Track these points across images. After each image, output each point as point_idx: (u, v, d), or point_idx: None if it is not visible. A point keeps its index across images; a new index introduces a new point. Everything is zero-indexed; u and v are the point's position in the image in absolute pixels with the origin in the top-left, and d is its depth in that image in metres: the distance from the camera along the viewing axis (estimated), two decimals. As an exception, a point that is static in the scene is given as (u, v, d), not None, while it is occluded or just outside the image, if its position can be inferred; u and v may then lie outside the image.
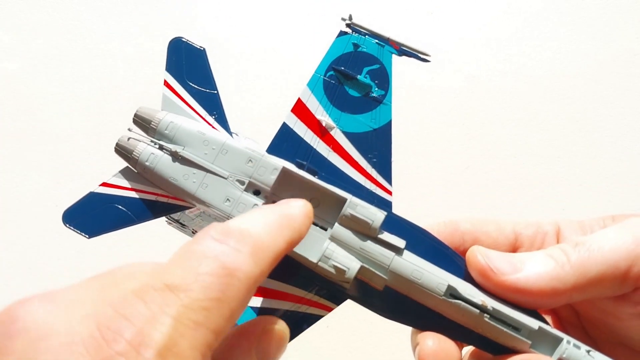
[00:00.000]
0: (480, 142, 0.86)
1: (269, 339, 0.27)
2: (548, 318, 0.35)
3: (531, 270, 0.30)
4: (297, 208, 0.27)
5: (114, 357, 0.19)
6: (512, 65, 0.89)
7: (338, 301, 0.33)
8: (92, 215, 0.35)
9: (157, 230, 0.67)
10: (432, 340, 0.30)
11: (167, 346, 0.19)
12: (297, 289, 0.33)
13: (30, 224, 0.85)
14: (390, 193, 0.34)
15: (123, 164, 0.36)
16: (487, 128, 0.87)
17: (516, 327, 0.30)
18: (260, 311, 0.32)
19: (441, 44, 0.90)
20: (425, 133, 0.87)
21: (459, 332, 0.31)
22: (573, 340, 0.29)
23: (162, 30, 0.89)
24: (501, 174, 0.85)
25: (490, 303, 0.30)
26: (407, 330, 0.33)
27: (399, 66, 0.94)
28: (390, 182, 0.34)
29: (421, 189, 0.83)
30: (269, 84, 0.87)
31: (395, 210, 0.34)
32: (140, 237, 0.79)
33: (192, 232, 0.38)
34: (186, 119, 0.35)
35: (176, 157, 0.34)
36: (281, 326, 0.28)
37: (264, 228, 0.25)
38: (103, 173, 0.90)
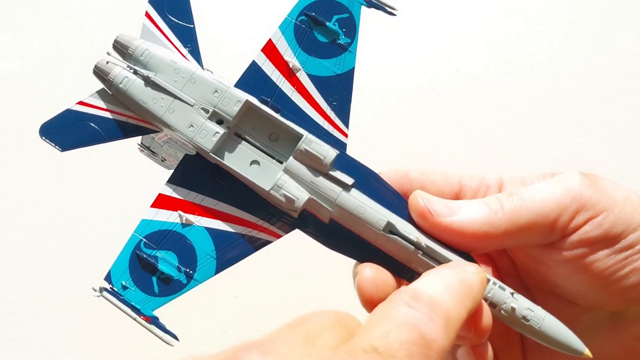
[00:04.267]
0: (480, 142, 0.87)
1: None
2: (488, 269, 0.37)
3: (466, 214, 0.32)
4: (475, 275, 0.28)
5: None
6: (512, 65, 0.89)
7: (287, 230, 0.35)
8: (67, 131, 0.38)
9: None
10: (370, 269, 0.32)
11: None
12: (251, 215, 0.35)
13: (30, 224, 0.85)
14: (346, 135, 0.36)
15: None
16: (487, 128, 0.87)
17: None
18: (215, 232, 0.35)
19: (442, 44, 0.90)
20: (425, 133, 0.87)
21: (395, 267, 0.33)
22: (499, 283, 0.31)
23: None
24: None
25: (425, 241, 0.32)
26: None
27: (400, 65, 0.94)
28: (347, 125, 0.36)
29: (421, 189, 0.83)
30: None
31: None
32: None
33: (162, 160, 0.41)
34: (161, 48, 0.38)
35: (148, 82, 0.37)
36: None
37: (450, 297, 0.26)
38: (104, 173, 0.90)
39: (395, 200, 0.34)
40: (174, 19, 0.39)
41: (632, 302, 0.32)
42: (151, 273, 0.34)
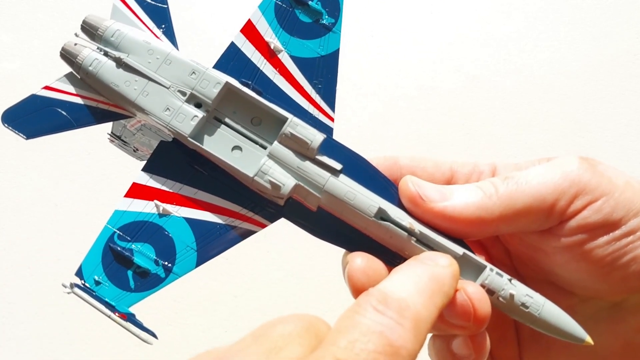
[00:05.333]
0: (480, 142, 0.86)
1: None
2: (481, 257, 0.36)
3: (459, 199, 0.30)
4: (446, 269, 0.27)
5: None
6: (512, 65, 0.89)
7: (272, 219, 0.33)
8: (32, 117, 0.35)
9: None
10: (361, 258, 0.30)
11: None
12: (233, 204, 0.33)
13: (30, 224, 0.85)
14: (332, 119, 0.35)
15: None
16: (487, 128, 0.87)
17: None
18: (194, 222, 0.33)
19: (442, 43, 0.90)
20: (425, 133, 0.87)
21: (387, 255, 0.31)
22: (496, 269, 0.30)
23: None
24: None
25: (418, 227, 0.31)
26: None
27: (400, 65, 0.93)
28: (333, 109, 0.35)
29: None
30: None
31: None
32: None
33: (134, 150, 0.38)
34: (133, 29, 0.36)
35: (120, 63, 0.35)
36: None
37: (420, 297, 0.25)
38: (103, 173, 0.90)
39: (385, 186, 0.32)
40: None
41: (632, 292, 0.31)
42: (126, 267, 0.32)
